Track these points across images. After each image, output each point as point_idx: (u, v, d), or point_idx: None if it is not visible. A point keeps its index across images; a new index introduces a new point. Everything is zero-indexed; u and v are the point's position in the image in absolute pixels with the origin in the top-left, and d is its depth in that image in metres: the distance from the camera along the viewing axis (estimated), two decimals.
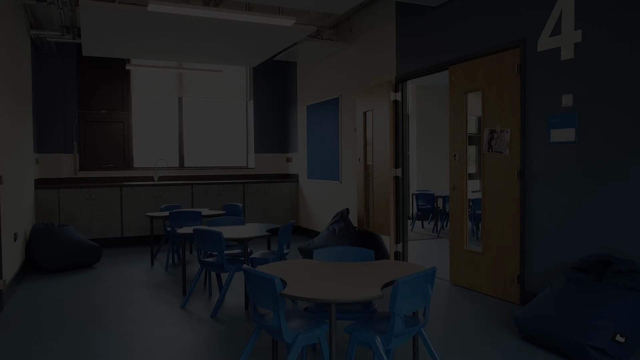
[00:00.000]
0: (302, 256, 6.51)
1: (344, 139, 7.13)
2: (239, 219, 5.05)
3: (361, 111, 6.47)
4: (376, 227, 6.18)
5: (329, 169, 7.55)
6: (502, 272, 4.43)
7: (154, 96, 8.56)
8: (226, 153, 9.21)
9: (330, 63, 7.49)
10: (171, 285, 5.15)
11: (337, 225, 6.48)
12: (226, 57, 7.19)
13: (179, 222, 5.89)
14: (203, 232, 4.21)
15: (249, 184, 8.35)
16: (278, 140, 9.33)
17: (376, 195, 6.16)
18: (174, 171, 8.56)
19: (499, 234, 4.45)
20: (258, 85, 9.13)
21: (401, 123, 5.86)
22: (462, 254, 4.89)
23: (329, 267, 2.88)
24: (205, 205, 8.04)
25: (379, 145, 6.05)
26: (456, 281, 4.98)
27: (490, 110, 4.52)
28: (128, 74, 8.30)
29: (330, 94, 7.51)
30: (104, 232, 7.44)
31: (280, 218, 8.58)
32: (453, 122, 4.98)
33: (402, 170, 5.88)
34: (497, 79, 4.43)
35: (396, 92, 5.84)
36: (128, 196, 7.56)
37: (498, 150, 4.42)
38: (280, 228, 4.40)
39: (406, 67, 5.68)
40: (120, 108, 8.29)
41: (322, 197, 7.83)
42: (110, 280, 5.43)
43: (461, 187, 4.90)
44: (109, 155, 8.22)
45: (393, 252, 5.90)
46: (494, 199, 4.49)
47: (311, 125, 8.12)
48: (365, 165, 6.46)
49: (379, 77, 6.22)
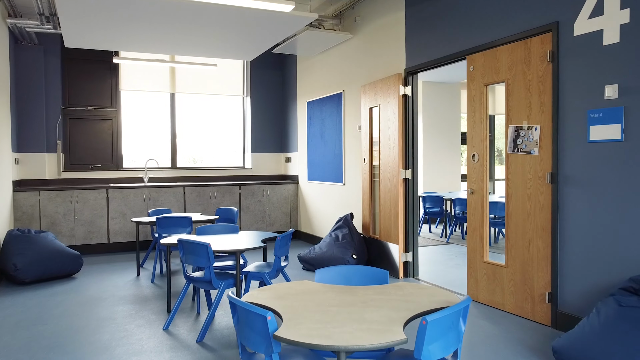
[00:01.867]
0: (302, 266, 5.97)
1: (347, 137, 6.60)
2: (232, 227, 4.52)
3: (366, 107, 5.94)
4: (383, 234, 5.65)
5: (331, 170, 7.01)
6: (529, 289, 3.89)
7: (145, 92, 8.02)
8: (221, 153, 8.68)
9: (333, 55, 6.96)
10: (156, 301, 4.61)
11: (340, 232, 5.95)
12: (221, 50, 6.65)
13: (166, 228, 5.36)
14: (189, 243, 3.68)
15: (246, 186, 7.82)
16: (276, 139, 8.79)
17: (383, 199, 5.63)
18: (166, 172, 8.03)
19: (525, 245, 3.91)
20: (255, 80, 8.59)
21: (411, 120, 5.32)
22: (482, 266, 4.36)
23: (334, 293, 2.35)
24: (198, 208, 7.50)
25: (387, 144, 5.52)
26: (474, 297, 4.45)
27: (515, 104, 3.98)
28: (117, 68, 7.76)
29: (333, 89, 6.97)
30: (88, 237, 6.90)
31: (279, 222, 8.05)
32: (471, 119, 4.44)
33: (412, 172, 5.35)
34: (524, 68, 3.89)
35: (405, 85, 5.30)
36: (115, 199, 7.03)
37: (525, 149, 3.89)
38: (277, 239, 3.86)
39: (417, 58, 5.15)
40: (108, 105, 7.76)
41: (324, 201, 7.30)
42: (89, 293, 4.90)
43: (480, 192, 4.36)
44: (96, 155, 7.68)
45: (402, 261, 5.36)
46: (520, 205, 3.95)
47: (312, 123, 7.59)
48: (371, 166, 5.93)
49: (387, 70, 5.69)
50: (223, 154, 8.70)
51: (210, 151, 8.57)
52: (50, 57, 7.31)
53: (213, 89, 8.36)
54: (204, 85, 8.30)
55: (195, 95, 8.33)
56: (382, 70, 5.77)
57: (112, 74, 7.75)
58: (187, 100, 8.32)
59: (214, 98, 8.50)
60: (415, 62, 5.17)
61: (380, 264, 5.71)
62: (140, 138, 8.06)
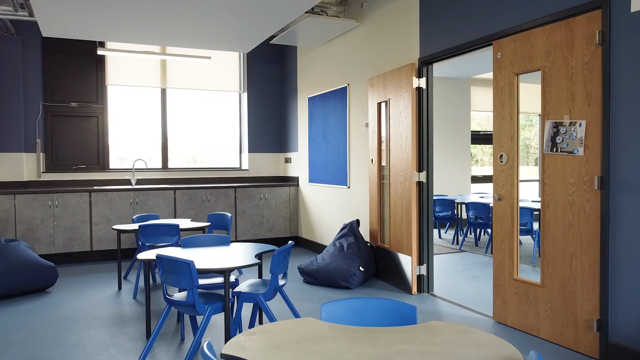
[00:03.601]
0: (302, 278, 5.38)
1: (352, 136, 6.01)
2: (221, 238, 3.93)
3: (374, 102, 5.35)
4: (393, 243, 5.06)
5: (335, 171, 6.42)
6: (571, 314, 3.30)
7: (133, 87, 7.43)
8: (216, 153, 8.09)
9: (337, 46, 6.37)
10: (135, 323, 4.02)
11: (345, 240, 5.36)
12: (215, 40, 6.06)
13: (150, 237, 4.77)
14: (169, 260, 3.09)
15: (242, 189, 7.23)
16: (275, 138, 8.20)
17: (394, 205, 5.04)
18: (156, 173, 7.44)
19: (566, 262, 3.32)
20: (252, 74, 8.00)
21: (425, 116, 4.74)
22: (512, 284, 3.76)
23: (348, 341, 1.76)
24: (190, 213, 6.91)
25: (398, 143, 4.93)
26: (501, 319, 3.86)
27: (554, 96, 3.39)
28: (102, 61, 7.17)
29: (337, 83, 6.38)
30: (69, 245, 6.31)
31: (278, 228, 7.46)
32: (498, 113, 3.85)
33: (426, 175, 4.76)
34: (565, 53, 3.30)
35: (420, 77, 4.71)
36: (99, 203, 6.44)
37: (566, 149, 3.30)
38: (274, 253, 3.28)
39: (433, 46, 4.56)
40: (93, 100, 7.17)
41: (327, 205, 6.70)
42: (61, 312, 4.31)
43: (509, 198, 3.77)
44: (80, 155, 7.09)
45: (415, 275, 4.77)
46: (560, 214, 3.36)
47: (313, 120, 7.00)
48: (380, 168, 5.34)
49: (398, 61, 5.10)
50: (218, 154, 8.12)
51: (204, 151, 7.98)
52: (29, 48, 6.72)
53: (207, 84, 7.77)
54: (198, 80, 7.71)
55: (188, 90, 7.75)
56: (393, 61, 5.18)
57: (98, 67, 7.16)
58: (179, 96, 7.73)
59: (208, 94, 7.92)
60: (431, 50, 4.58)
61: (390, 278, 5.12)
62: (128, 137, 7.47)
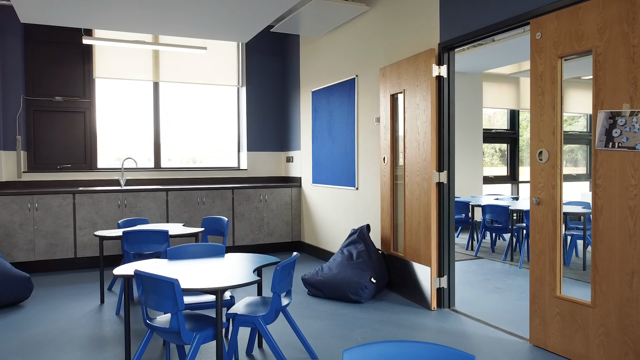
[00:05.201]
0: (307, 291, 4.84)
1: (361, 132, 5.47)
2: (215, 248, 3.39)
3: (387, 94, 4.81)
4: (409, 251, 4.52)
5: (341, 171, 5.88)
6: (631, 341, 2.76)
7: (123, 80, 6.89)
8: (213, 151, 7.55)
9: (344, 34, 5.83)
10: (114, 346, 3.48)
11: (354, 248, 4.82)
12: (210, 29, 5.53)
13: (136, 244, 4.23)
14: (149, 279, 2.55)
15: (240, 190, 6.69)
16: (276, 135, 7.66)
17: (409, 209, 4.50)
18: (147, 173, 6.89)
19: (626, 279, 2.78)
20: (251, 67, 7.46)
21: (447, 108, 4.20)
22: (553, 303, 3.22)
23: None
24: (184, 216, 6.37)
25: (414, 139, 4.39)
26: (540, 342, 3.32)
27: (610, 81, 2.85)
28: (90, 52, 6.63)
29: (344, 75, 5.84)
30: (50, 252, 5.77)
31: (279, 232, 6.92)
32: (537, 104, 3.31)
33: (447, 175, 4.22)
34: (624, 29, 2.76)
35: (440, 64, 4.18)
36: (84, 205, 5.90)
37: (626, 144, 2.76)
38: (276, 268, 2.74)
39: (455, 28, 4.02)
40: (79, 95, 6.63)
41: (332, 208, 6.16)
42: (33, 332, 3.76)
43: (551, 202, 3.23)
44: (65, 153, 6.55)
45: (435, 288, 4.23)
46: (617, 222, 2.82)
47: (318, 116, 6.46)
48: (393, 167, 4.80)
49: (414, 47, 4.56)
50: (215, 152, 7.58)
51: (200, 149, 7.43)
52: (8, 37, 6.18)
53: (203, 77, 7.23)
54: (193, 73, 7.17)
55: (183, 84, 7.20)
56: (408, 48, 4.64)
57: (85, 58, 6.62)
58: (173, 90, 7.19)
59: (204, 88, 7.37)
60: (453, 34, 4.04)
61: (404, 290, 4.58)
62: (118, 134, 6.93)
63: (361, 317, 4.02)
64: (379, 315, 4.08)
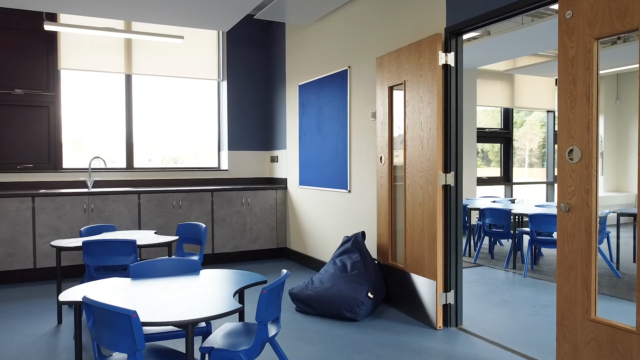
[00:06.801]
0: (295, 306, 4.31)
1: (355, 129, 4.97)
2: (189, 264, 2.85)
3: (385, 86, 4.32)
4: (410, 262, 4.02)
5: (332, 172, 5.37)
6: None
7: (92, 72, 6.28)
8: (192, 151, 6.98)
9: (335, 21, 5.32)
10: None
11: (348, 258, 4.31)
12: (188, 16, 4.98)
13: (99, 257, 3.67)
14: (101, 310, 2.00)
15: (221, 192, 6.13)
16: (260, 133, 7.11)
17: (410, 214, 4.01)
18: (118, 174, 6.29)
19: None
20: (233, 59, 6.90)
21: (454, 102, 3.72)
22: (587, 327, 2.76)
23: None
24: (158, 222, 5.79)
25: (417, 137, 3.90)
26: None
27: None
28: (55, 40, 6.01)
29: (335, 66, 5.33)
30: (6, 262, 5.14)
31: (263, 238, 6.37)
32: (567, 93, 2.85)
33: (455, 177, 3.74)
34: None
35: (447, 52, 3.69)
36: (45, 210, 5.28)
37: None
38: (262, 292, 2.21)
39: (464, 10, 3.54)
40: (43, 87, 6.00)
41: (321, 212, 5.65)
42: None
43: (585, 209, 2.76)
44: (26, 151, 5.91)
45: (440, 304, 3.74)
46: None
47: (305, 111, 5.94)
48: (391, 168, 4.31)
49: (416, 33, 4.07)
50: (194, 152, 7.00)
51: (180, 149, 6.85)
52: None
53: (180, 70, 6.65)
54: (169, 66, 6.59)
55: (158, 77, 6.61)
56: (409, 34, 4.15)
57: (49, 47, 5.99)
58: (147, 84, 6.60)
59: (181, 82, 6.79)
60: (462, 16, 3.56)
61: (405, 306, 4.09)
62: (87, 131, 6.31)
63: (358, 340, 3.51)
64: (378, 336, 3.58)
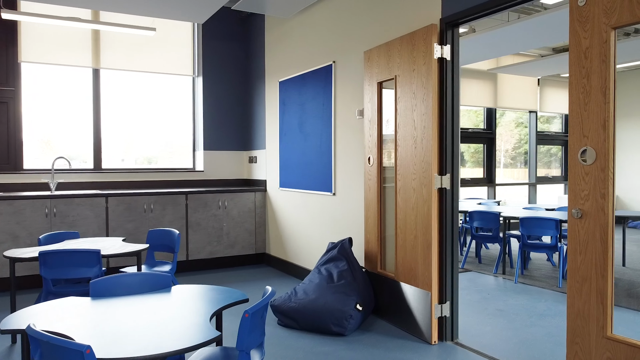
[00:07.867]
0: (277, 320, 3.97)
1: (340, 128, 4.67)
2: (159, 279, 2.50)
3: (374, 82, 4.03)
4: (401, 271, 3.74)
5: (315, 174, 5.06)
6: None
7: (57, 66, 5.82)
8: (163, 150, 6.57)
9: (318, 13, 5.01)
10: None
11: (334, 267, 4.00)
12: (160, 5, 4.60)
13: (58, 269, 3.29)
14: (48, 345, 1.64)
15: (196, 195, 5.76)
16: (237, 132, 6.74)
17: (402, 219, 3.72)
18: (84, 176, 5.85)
19: None
20: (209, 54, 6.52)
21: (450, 98, 3.45)
22: (603, 345, 2.51)
23: None
24: (128, 227, 5.38)
25: (410, 136, 3.62)
26: None
27: None
28: (14, 30, 5.54)
29: (318, 61, 5.02)
30: None
31: (241, 243, 6.02)
32: (579, 88, 2.59)
33: (450, 180, 3.47)
34: None
35: (443, 44, 3.42)
36: (2, 215, 4.83)
37: None
38: (243, 316, 1.89)
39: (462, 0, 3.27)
40: (2, 81, 5.53)
41: (303, 216, 5.33)
42: None
43: (600, 215, 2.51)
44: None
45: (435, 317, 3.47)
46: None
47: (286, 109, 5.61)
48: (381, 170, 4.02)
49: (409, 24, 3.79)
50: (168, 152, 6.59)
51: (155, 149, 6.44)
52: None
53: (152, 65, 6.24)
54: (140, 60, 6.17)
55: (129, 73, 6.19)
56: (401, 25, 3.87)
57: (8, 38, 5.52)
58: (117, 79, 6.17)
59: (154, 78, 6.38)
60: (460, 6, 3.29)
61: (395, 318, 3.80)
62: (55, 130, 5.85)
63: (348, 357, 3.20)
64: (369, 353, 3.28)
